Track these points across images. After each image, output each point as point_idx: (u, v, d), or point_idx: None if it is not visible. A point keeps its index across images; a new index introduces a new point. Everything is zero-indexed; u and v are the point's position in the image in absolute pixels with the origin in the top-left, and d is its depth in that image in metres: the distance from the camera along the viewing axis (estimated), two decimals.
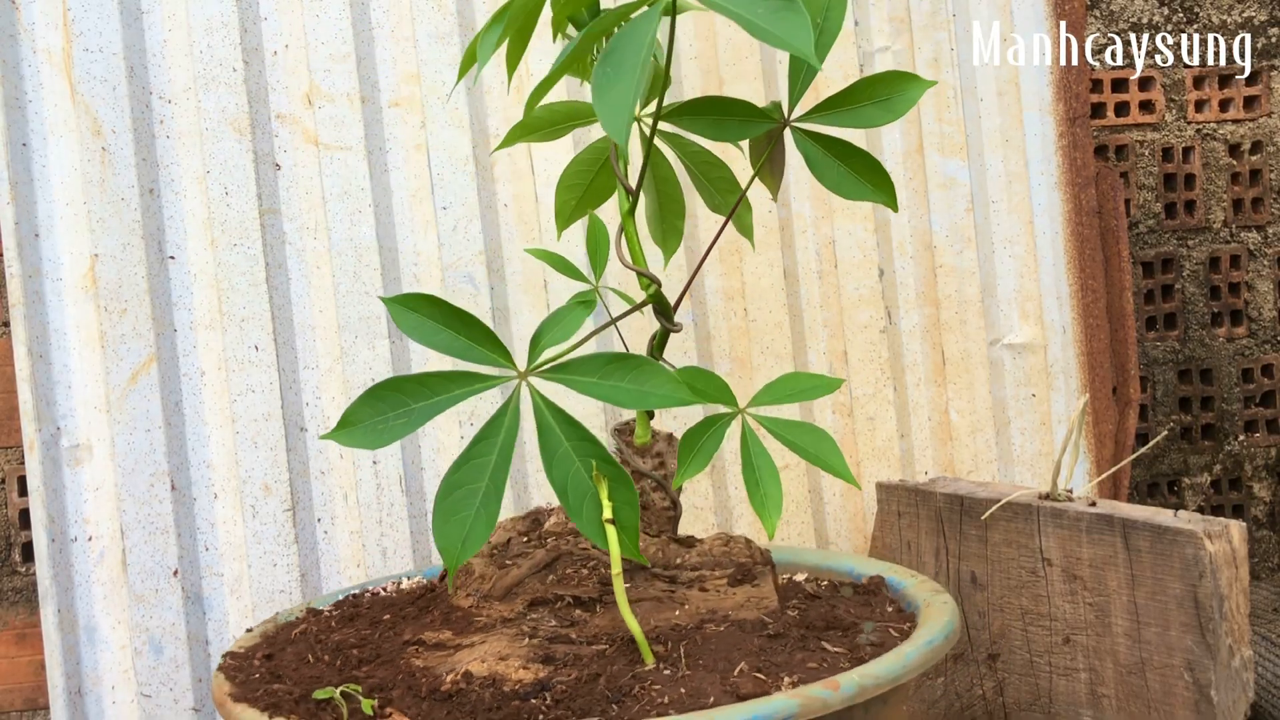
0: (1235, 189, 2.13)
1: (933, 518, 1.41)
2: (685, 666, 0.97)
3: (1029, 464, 1.72)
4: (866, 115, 1.08)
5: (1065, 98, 1.73)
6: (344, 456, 1.55)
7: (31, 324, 1.48)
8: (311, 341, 1.55)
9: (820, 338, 1.68)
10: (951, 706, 1.39)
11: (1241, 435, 2.13)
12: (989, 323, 1.72)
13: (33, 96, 1.50)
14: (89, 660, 1.48)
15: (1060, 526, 1.28)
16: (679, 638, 1.03)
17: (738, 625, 1.05)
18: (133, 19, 1.52)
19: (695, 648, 1.01)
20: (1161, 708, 1.22)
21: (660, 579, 1.10)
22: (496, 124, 1.60)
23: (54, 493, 1.48)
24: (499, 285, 1.60)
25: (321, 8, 1.56)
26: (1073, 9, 1.72)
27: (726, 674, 0.96)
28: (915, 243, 1.70)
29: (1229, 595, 1.17)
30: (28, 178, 1.49)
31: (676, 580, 1.10)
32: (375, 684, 1.00)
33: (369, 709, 0.95)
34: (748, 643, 1.00)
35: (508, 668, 0.99)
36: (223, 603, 1.51)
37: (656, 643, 1.02)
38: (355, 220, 1.57)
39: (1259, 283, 2.14)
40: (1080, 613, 1.27)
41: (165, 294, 1.52)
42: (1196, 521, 1.20)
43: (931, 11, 1.71)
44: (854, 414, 1.68)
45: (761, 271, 1.66)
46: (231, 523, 1.52)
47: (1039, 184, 1.72)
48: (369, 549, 1.55)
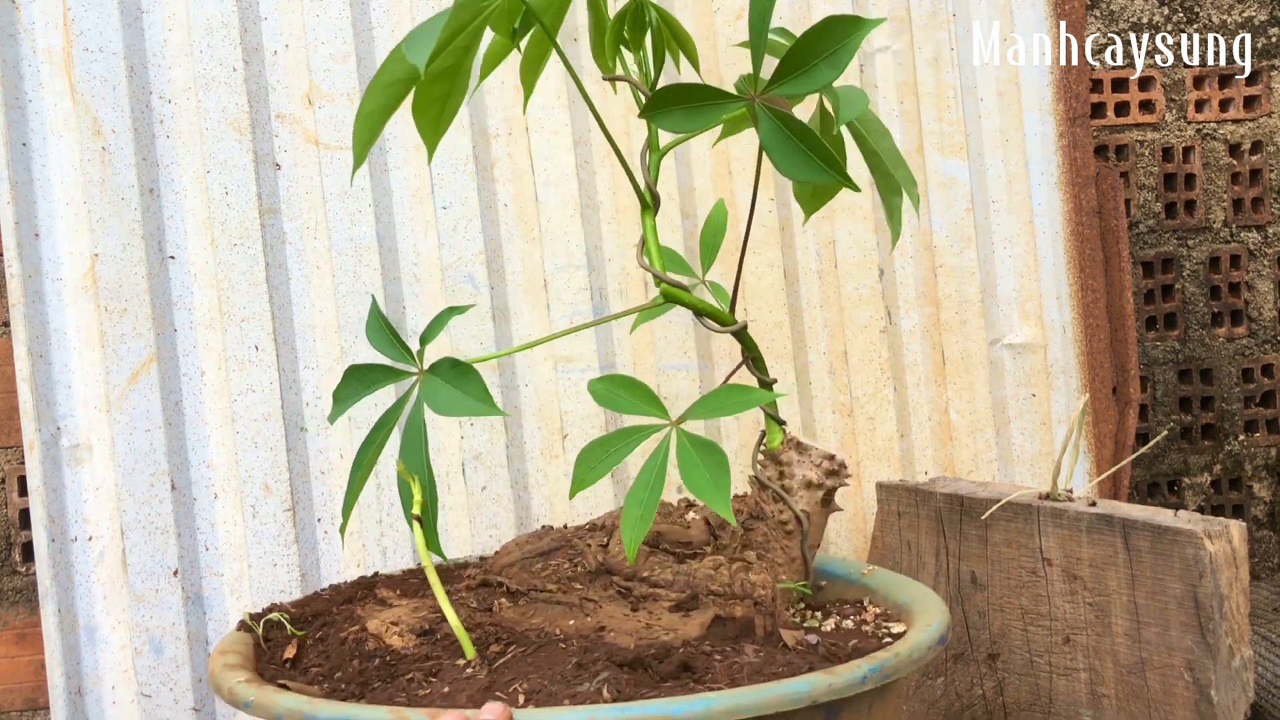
0: (1235, 189, 2.13)
1: (933, 518, 1.41)
2: (490, 670, 0.94)
3: (1029, 464, 1.72)
4: (819, 75, 0.99)
5: (1065, 98, 1.73)
6: (344, 456, 1.55)
7: (31, 324, 1.48)
8: (311, 341, 1.55)
9: (820, 338, 1.68)
10: (951, 706, 1.39)
11: (1241, 435, 2.13)
12: (989, 323, 1.72)
13: (33, 96, 1.50)
14: (89, 660, 1.48)
15: (1060, 526, 1.28)
16: (528, 644, 0.98)
17: (607, 647, 0.97)
18: (133, 19, 1.52)
19: (527, 655, 0.96)
20: (1161, 708, 1.22)
21: (615, 587, 1.05)
22: (496, 124, 1.60)
23: (54, 493, 1.48)
24: (499, 285, 1.60)
25: (321, 8, 1.56)
26: (1073, 9, 1.72)
27: (517, 684, 0.91)
28: (915, 243, 1.70)
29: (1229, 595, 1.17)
30: (28, 178, 1.49)
31: (630, 593, 1.05)
32: (314, 616, 1.11)
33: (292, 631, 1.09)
34: (587, 665, 0.94)
35: (388, 631, 1.03)
36: (223, 603, 1.51)
37: (506, 643, 0.98)
38: (355, 220, 1.57)
39: (1259, 283, 2.14)
40: (1080, 613, 1.27)
41: (165, 294, 1.52)
42: (1196, 521, 1.20)
43: (931, 11, 1.71)
44: (854, 414, 1.68)
45: (761, 271, 1.66)
46: (231, 523, 1.52)
47: (1039, 184, 1.72)
48: (369, 549, 1.55)
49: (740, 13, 1.66)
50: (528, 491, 1.59)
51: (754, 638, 1.01)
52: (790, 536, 1.11)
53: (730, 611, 1.03)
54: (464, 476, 1.57)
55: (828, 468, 1.15)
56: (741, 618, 1.02)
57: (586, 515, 1.59)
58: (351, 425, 1.55)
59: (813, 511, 1.14)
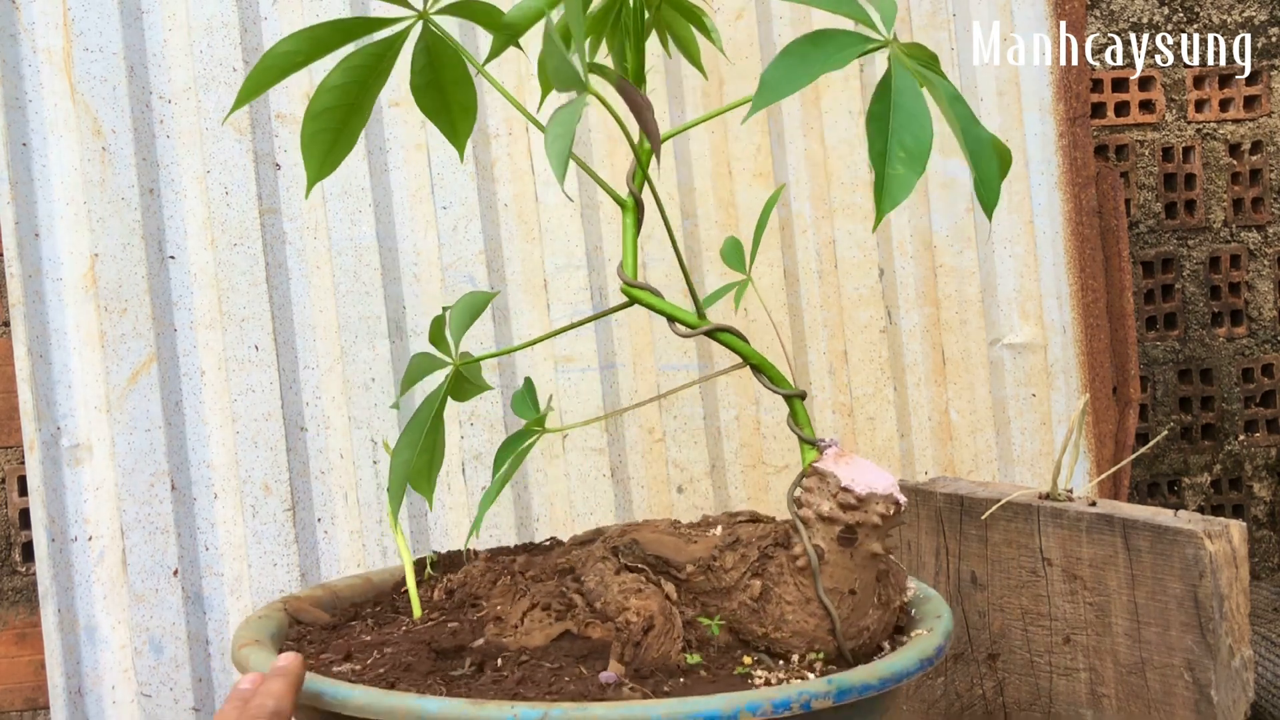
0: (1235, 189, 2.13)
1: (933, 517, 1.41)
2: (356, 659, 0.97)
3: (1029, 464, 1.72)
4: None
5: (1065, 98, 1.73)
6: (344, 456, 1.55)
7: (31, 324, 1.48)
8: (311, 341, 1.55)
9: (820, 338, 1.68)
10: (951, 706, 1.39)
11: (1241, 435, 2.13)
12: (989, 322, 1.72)
13: (33, 96, 1.50)
14: (89, 660, 1.48)
15: (1060, 526, 1.28)
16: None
17: (444, 639, 0.97)
18: (133, 19, 1.52)
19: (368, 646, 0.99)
20: (1161, 707, 1.22)
21: (552, 591, 1.03)
22: (496, 124, 1.60)
23: (54, 492, 1.48)
24: (499, 285, 1.60)
25: (321, 8, 1.56)
26: (1073, 9, 1.72)
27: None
28: (915, 243, 1.70)
29: (1229, 595, 1.17)
30: (28, 178, 1.49)
31: (550, 595, 1.03)
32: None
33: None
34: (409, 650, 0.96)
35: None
36: (223, 603, 1.51)
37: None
38: (355, 220, 1.57)
39: (1259, 282, 2.14)
40: (1080, 612, 1.27)
41: (165, 294, 1.52)
42: (1196, 521, 1.20)
43: (931, 11, 1.71)
44: (854, 414, 1.68)
45: (761, 271, 1.66)
46: (231, 522, 1.52)
47: (1039, 184, 1.72)
48: (369, 549, 1.55)
49: (740, 12, 1.66)
50: (528, 491, 1.59)
51: (604, 662, 0.95)
52: (803, 573, 1.00)
53: (586, 631, 0.97)
54: (464, 476, 1.57)
55: (843, 500, 1.00)
56: (596, 640, 0.97)
57: (587, 516, 1.59)
58: (352, 425, 1.55)
59: (828, 549, 0.99)
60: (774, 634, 0.99)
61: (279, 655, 0.89)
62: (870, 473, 1.01)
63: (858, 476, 1.00)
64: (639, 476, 1.61)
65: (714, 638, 1.00)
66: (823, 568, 0.99)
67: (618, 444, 1.60)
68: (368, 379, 1.56)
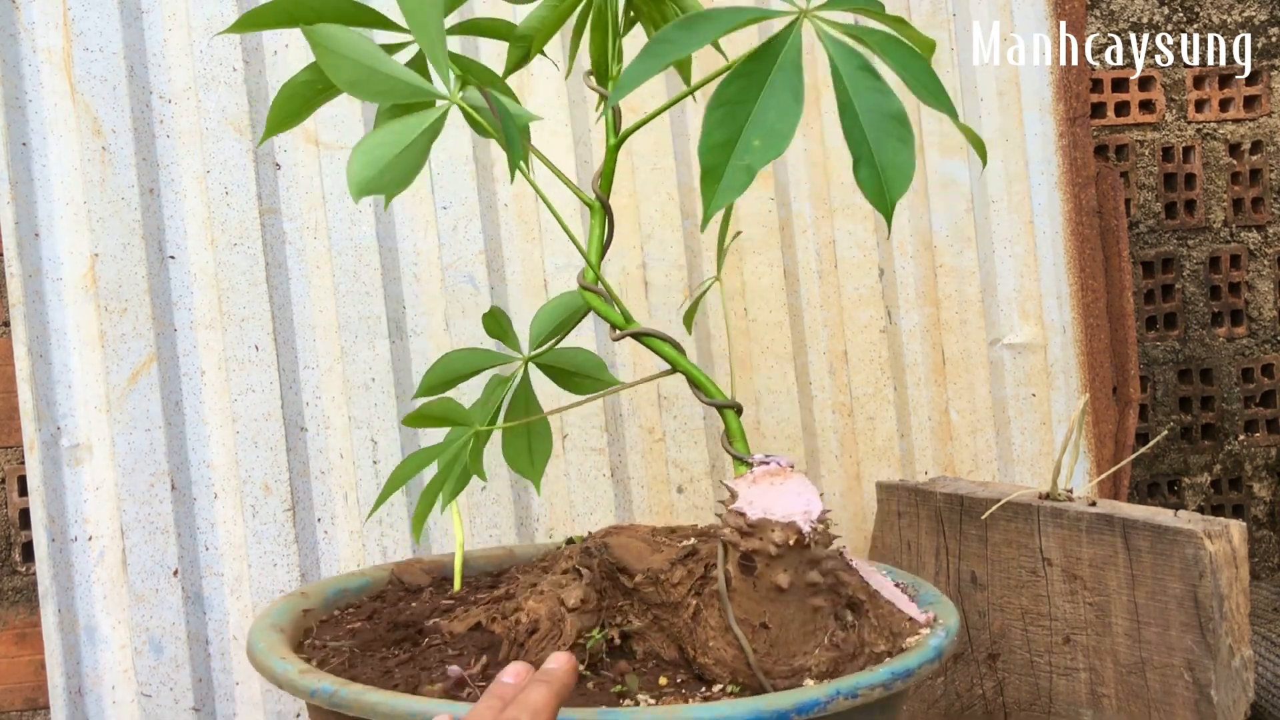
0: (1235, 189, 2.13)
1: (933, 517, 1.41)
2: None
3: (1029, 464, 1.72)
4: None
5: (1065, 97, 1.73)
6: (344, 456, 1.55)
7: (31, 324, 1.48)
8: (311, 341, 1.55)
9: (820, 337, 1.68)
10: (951, 706, 1.39)
11: (1241, 435, 2.13)
12: (989, 322, 1.72)
13: (33, 96, 1.50)
14: (89, 660, 1.48)
15: (1060, 526, 1.28)
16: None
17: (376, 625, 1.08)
18: (133, 19, 1.52)
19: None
20: (1161, 707, 1.22)
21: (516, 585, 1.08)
22: None
23: (54, 492, 1.48)
24: (499, 285, 1.60)
25: None
26: (1073, 9, 1.72)
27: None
28: (915, 243, 1.70)
29: (1229, 595, 1.17)
30: (28, 177, 1.49)
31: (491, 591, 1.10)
32: None
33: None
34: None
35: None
36: (223, 603, 1.51)
37: None
38: (355, 220, 1.57)
39: (1259, 282, 2.14)
40: (1080, 612, 1.27)
41: (165, 294, 1.52)
42: (1196, 521, 1.20)
43: (931, 11, 1.71)
44: (854, 414, 1.68)
45: (761, 271, 1.66)
46: (231, 523, 1.52)
47: (1039, 184, 1.72)
48: (369, 549, 1.55)
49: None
50: (528, 492, 1.59)
51: (501, 654, 0.97)
52: (720, 598, 0.90)
53: (490, 625, 0.98)
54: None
55: (736, 523, 0.89)
56: (498, 634, 0.98)
57: (587, 516, 1.59)
58: (352, 425, 1.55)
59: (734, 576, 0.89)
60: (700, 659, 0.92)
61: (552, 655, 0.79)
62: (783, 497, 0.90)
63: (759, 499, 0.90)
64: (639, 476, 1.61)
65: (637, 651, 0.95)
66: (731, 595, 0.90)
67: (618, 444, 1.60)
68: (368, 379, 1.56)
